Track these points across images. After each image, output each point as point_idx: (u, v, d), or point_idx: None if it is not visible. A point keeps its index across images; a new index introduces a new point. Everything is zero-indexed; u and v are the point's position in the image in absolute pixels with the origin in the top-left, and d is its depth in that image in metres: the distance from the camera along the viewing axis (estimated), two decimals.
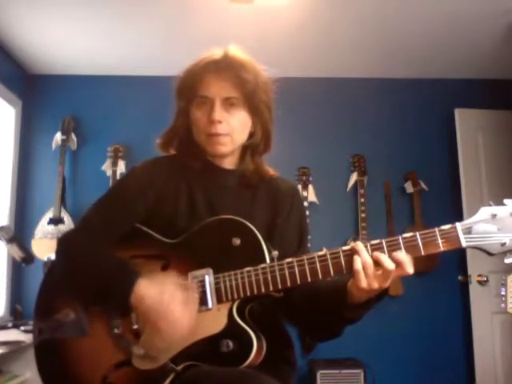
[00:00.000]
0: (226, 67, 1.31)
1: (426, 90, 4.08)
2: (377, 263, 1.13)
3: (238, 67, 1.31)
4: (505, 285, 2.43)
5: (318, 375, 3.37)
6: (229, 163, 1.39)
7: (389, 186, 3.95)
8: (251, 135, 1.38)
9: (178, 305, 1.16)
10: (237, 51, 1.35)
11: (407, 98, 4.07)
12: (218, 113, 1.29)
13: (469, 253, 3.61)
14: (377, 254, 1.14)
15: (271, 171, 1.44)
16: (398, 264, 1.13)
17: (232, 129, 1.32)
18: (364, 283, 1.13)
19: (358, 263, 1.13)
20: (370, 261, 1.13)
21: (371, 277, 1.13)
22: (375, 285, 1.13)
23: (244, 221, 1.24)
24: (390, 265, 1.12)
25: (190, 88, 1.33)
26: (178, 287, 1.18)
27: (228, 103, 1.31)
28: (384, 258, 1.13)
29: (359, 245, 1.15)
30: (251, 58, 1.36)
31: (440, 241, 1.12)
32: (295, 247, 1.39)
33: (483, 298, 3.64)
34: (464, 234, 1.12)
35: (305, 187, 3.81)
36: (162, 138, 1.42)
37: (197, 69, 1.33)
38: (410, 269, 1.13)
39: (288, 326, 1.42)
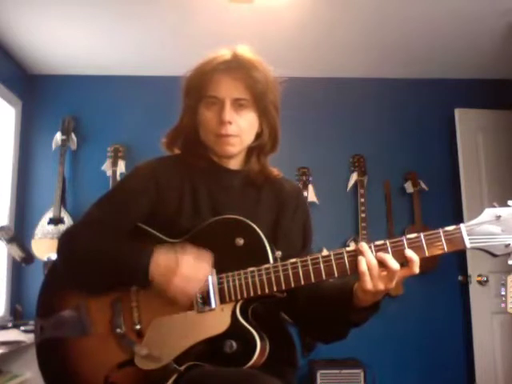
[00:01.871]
0: (237, 67, 1.31)
1: (426, 90, 4.08)
2: (381, 264, 1.13)
3: (248, 67, 1.31)
4: (505, 285, 2.43)
5: (318, 375, 3.37)
6: (234, 164, 1.39)
7: (389, 186, 3.95)
8: (258, 136, 1.37)
9: (192, 259, 1.18)
10: (246, 51, 1.34)
11: (407, 98, 4.07)
12: (229, 113, 1.29)
13: (469, 253, 3.61)
14: (381, 254, 1.14)
15: (275, 171, 1.45)
16: (409, 261, 1.13)
17: (241, 130, 1.32)
18: (369, 285, 1.13)
19: (362, 264, 1.13)
20: (374, 261, 1.13)
21: (376, 278, 1.13)
22: (381, 286, 1.13)
23: (248, 221, 1.24)
24: (394, 264, 1.12)
25: (198, 87, 1.32)
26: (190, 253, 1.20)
27: (238, 104, 1.30)
28: (388, 258, 1.13)
29: (364, 246, 1.15)
30: (260, 58, 1.35)
31: (444, 242, 1.12)
32: (299, 248, 1.39)
33: (483, 298, 3.64)
34: (468, 235, 1.12)
35: (305, 187, 3.81)
36: (167, 137, 1.42)
37: (206, 68, 1.32)
38: (417, 268, 1.13)
39: (290, 326, 1.42)
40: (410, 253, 1.13)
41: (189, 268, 1.18)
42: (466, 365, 3.73)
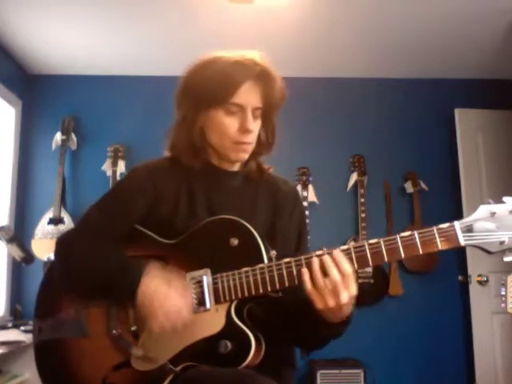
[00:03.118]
0: (261, 77, 1.29)
1: (426, 90, 4.07)
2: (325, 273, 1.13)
3: (269, 79, 1.30)
4: (505, 285, 2.43)
5: (318, 375, 3.37)
6: (235, 167, 1.39)
7: (389, 186, 3.95)
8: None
9: (176, 296, 1.16)
10: (264, 59, 1.32)
11: (407, 98, 4.07)
12: (251, 123, 1.30)
13: (469, 253, 3.61)
14: (325, 260, 1.13)
15: (267, 166, 1.45)
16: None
17: (255, 137, 1.34)
18: (319, 302, 1.13)
19: (307, 281, 1.13)
20: (319, 277, 1.12)
21: (324, 293, 1.12)
22: (331, 302, 1.12)
23: (242, 221, 1.24)
24: (336, 276, 1.11)
25: (218, 93, 1.28)
26: (178, 282, 1.19)
27: (255, 112, 1.31)
28: (330, 265, 1.12)
29: (314, 262, 1.14)
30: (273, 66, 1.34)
31: (438, 239, 1.11)
32: (294, 247, 1.39)
33: (483, 298, 3.64)
34: (463, 232, 1.11)
35: (305, 187, 3.81)
36: (169, 137, 1.39)
37: (227, 73, 1.27)
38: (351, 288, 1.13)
39: None
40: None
41: (173, 303, 1.16)
42: (466, 365, 3.73)
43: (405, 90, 4.07)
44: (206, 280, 1.21)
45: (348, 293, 1.12)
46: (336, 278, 1.11)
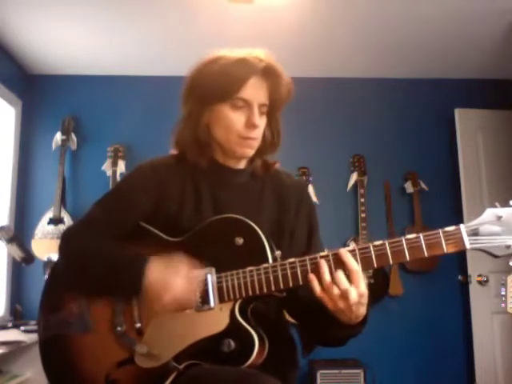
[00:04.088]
0: (268, 74, 1.30)
1: (426, 90, 4.08)
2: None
3: (276, 76, 1.31)
4: (505, 285, 2.43)
5: (318, 375, 3.37)
6: (240, 164, 1.39)
7: (389, 186, 3.95)
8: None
9: (182, 278, 1.17)
10: (269, 56, 1.33)
11: (407, 98, 4.07)
12: (257, 118, 1.30)
13: (469, 253, 3.60)
14: (332, 261, 1.14)
15: (272, 162, 1.45)
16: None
17: (261, 133, 1.34)
18: (329, 304, 1.13)
19: (316, 285, 1.13)
20: (328, 279, 1.13)
21: (333, 295, 1.12)
22: (340, 304, 1.12)
23: (247, 220, 1.23)
24: (345, 283, 1.11)
25: (224, 87, 1.29)
26: (184, 266, 1.20)
27: (261, 109, 1.31)
28: (341, 277, 1.12)
29: (322, 264, 1.14)
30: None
31: (444, 242, 1.11)
32: (304, 245, 1.39)
33: (483, 298, 3.64)
34: (468, 235, 1.10)
35: None
36: (174, 134, 1.39)
37: (233, 69, 1.28)
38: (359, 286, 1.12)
39: (291, 326, 1.42)
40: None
41: (179, 288, 1.18)
42: (466, 365, 3.73)
43: (405, 90, 4.07)
44: (211, 279, 1.20)
45: (356, 290, 1.11)
46: (344, 276, 1.12)
